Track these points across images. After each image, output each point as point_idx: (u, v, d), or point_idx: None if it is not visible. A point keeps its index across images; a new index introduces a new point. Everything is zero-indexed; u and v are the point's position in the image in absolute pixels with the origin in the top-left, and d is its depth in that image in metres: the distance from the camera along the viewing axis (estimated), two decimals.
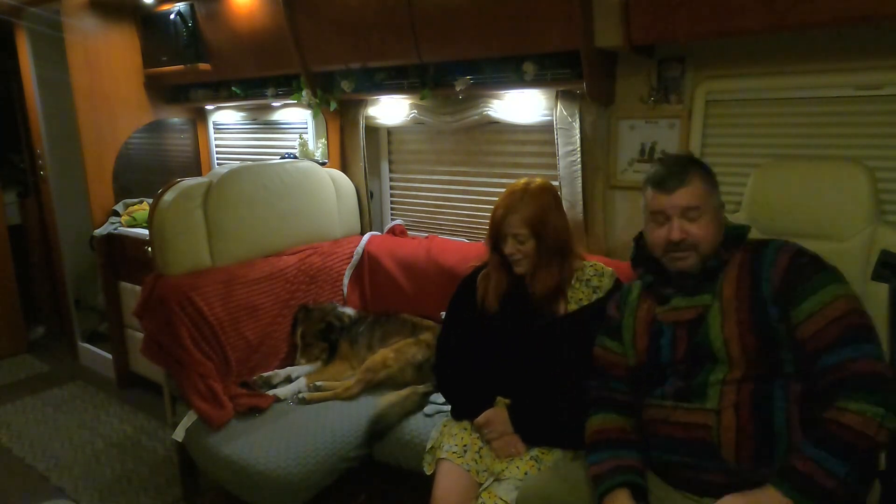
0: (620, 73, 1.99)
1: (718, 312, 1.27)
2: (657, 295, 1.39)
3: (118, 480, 2.36)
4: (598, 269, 1.68)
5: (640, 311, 1.42)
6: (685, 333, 1.31)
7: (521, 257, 1.59)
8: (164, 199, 2.08)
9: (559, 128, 2.10)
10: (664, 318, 1.35)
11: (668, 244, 1.31)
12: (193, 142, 3.49)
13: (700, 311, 1.30)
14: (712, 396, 1.23)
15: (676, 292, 1.35)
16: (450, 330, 1.77)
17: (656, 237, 1.34)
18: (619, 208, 2.11)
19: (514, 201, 1.58)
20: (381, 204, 2.92)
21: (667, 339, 1.34)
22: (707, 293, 1.30)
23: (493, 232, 1.63)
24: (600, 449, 1.35)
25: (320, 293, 2.46)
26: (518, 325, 1.62)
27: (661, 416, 1.30)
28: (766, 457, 1.17)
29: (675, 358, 1.31)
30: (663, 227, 1.32)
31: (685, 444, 1.25)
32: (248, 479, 1.67)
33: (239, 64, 2.79)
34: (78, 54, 2.92)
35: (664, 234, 1.32)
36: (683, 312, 1.32)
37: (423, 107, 2.45)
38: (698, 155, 1.89)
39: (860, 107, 1.64)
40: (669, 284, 1.37)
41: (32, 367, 3.51)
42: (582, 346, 1.55)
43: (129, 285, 2.97)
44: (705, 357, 1.26)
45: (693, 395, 1.26)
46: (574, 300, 1.62)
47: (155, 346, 2.03)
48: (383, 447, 1.83)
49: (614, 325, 1.47)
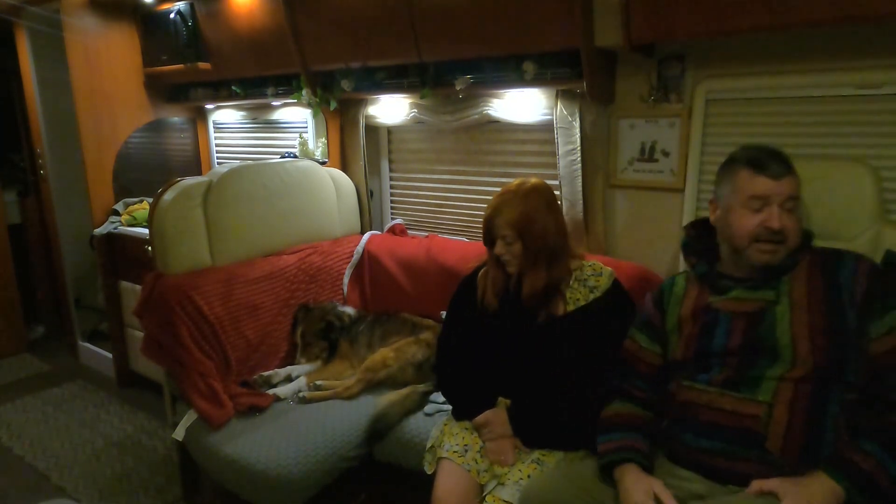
0: (620, 72, 1.99)
1: (787, 310, 1.26)
2: (714, 285, 1.37)
3: (118, 479, 2.36)
4: (596, 268, 1.65)
5: (688, 300, 1.41)
6: (743, 325, 1.30)
7: (510, 258, 1.58)
8: (164, 199, 2.08)
9: (559, 127, 2.09)
10: (723, 306, 1.33)
11: (764, 232, 1.26)
12: (193, 141, 3.49)
13: (762, 305, 1.28)
14: (766, 390, 1.23)
15: (736, 284, 1.33)
16: (450, 329, 1.77)
17: (748, 223, 1.28)
18: (620, 207, 2.11)
19: (502, 203, 1.57)
20: (381, 203, 2.92)
21: (722, 329, 1.32)
22: (770, 289, 1.29)
23: (485, 232, 1.63)
24: (612, 430, 1.38)
25: (320, 292, 2.46)
26: (517, 325, 1.62)
27: (703, 401, 1.29)
28: (811, 457, 1.17)
29: (728, 347, 1.30)
30: (759, 213, 1.27)
31: (728, 430, 1.24)
32: (249, 478, 1.68)
33: (239, 63, 2.78)
34: (78, 53, 2.92)
35: (758, 221, 1.27)
36: (745, 304, 1.30)
37: (423, 106, 2.45)
38: (698, 154, 1.89)
39: (861, 106, 1.63)
40: (724, 276, 1.36)
41: (33, 366, 3.51)
42: (580, 346, 1.55)
43: (129, 284, 2.97)
44: (764, 351, 1.26)
45: (743, 385, 1.25)
46: (572, 301, 1.60)
47: (155, 345, 2.03)
48: (383, 446, 1.83)
49: (647, 321, 1.48)
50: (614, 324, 1.57)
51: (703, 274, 1.40)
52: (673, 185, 1.96)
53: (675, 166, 1.95)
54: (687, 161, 1.91)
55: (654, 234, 2.04)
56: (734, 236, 1.32)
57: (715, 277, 1.38)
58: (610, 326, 1.57)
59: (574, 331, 1.57)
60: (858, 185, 1.50)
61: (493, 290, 1.65)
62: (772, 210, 1.26)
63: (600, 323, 1.57)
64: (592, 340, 1.56)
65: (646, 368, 1.46)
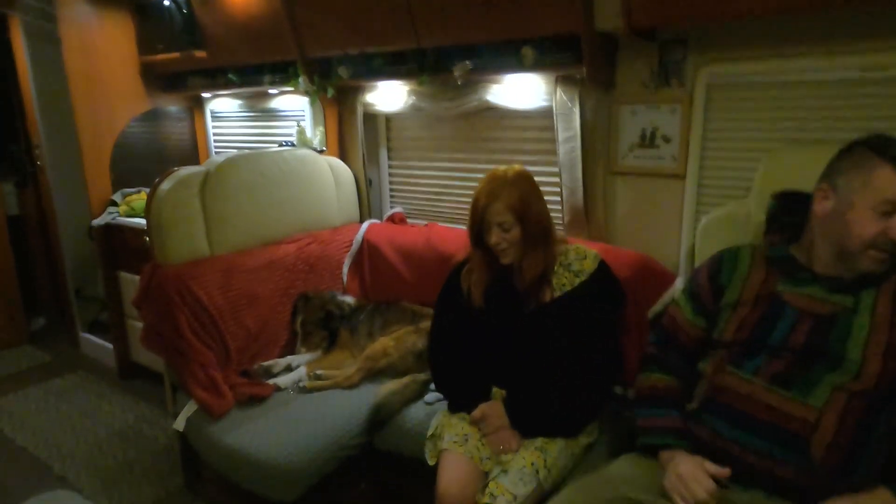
0: (621, 57, 1.97)
1: (867, 325, 1.17)
2: (789, 271, 1.28)
3: (120, 469, 2.37)
4: (580, 252, 1.63)
5: (753, 280, 1.31)
6: (810, 325, 1.21)
7: (507, 246, 1.55)
8: (161, 189, 2.07)
9: (559, 113, 2.07)
10: (794, 301, 1.24)
11: (886, 243, 1.14)
12: (191, 130, 3.47)
13: (836, 309, 1.20)
14: (819, 396, 1.16)
15: (814, 280, 1.24)
16: (440, 326, 1.77)
17: (872, 228, 1.14)
18: (620, 194, 2.09)
19: (496, 188, 1.54)
20: (380, 192, 2.90)
21: (787, 323, 1.23)
22: (849, 295, 1.20)
23: (475, 223, 1.57)
24: (653, 405, 1.36)
25: (320, 281, 2.45)
26: (505, 317, 1.61)
27: (745, 390, 1.22)
28: (849, 473, 1.13)
29: (788, 343, 1.22)
30: (888, 218, 1.13)
31: (770, 428, 1.18)
32: (249, 468, 1.68)
33: (235, 50, 2.76)
34: (72, 43, 2.89)
35: (884, 229, 1.13)
36: (818, 304, 1.22)
37: (421, 93, 2.42)
38: (700, 140, 1.87)
39: (865, 90, 1.61)
40: (803, 268, 1.26)
41: (34, 357, 3.51)
42: (570, 331, 1.55)
43: (128, 275, 2.96)
44: (825, 357, 1.18)
45: (795, 385, 1.18)
46: (558, 287, 1.59)
47: (154, 335, 2.03)
48: (384, 435, 1.83)
49: (696, 292, 1.40)
50: (602, 307, 1.58)
51: (781, 258, 1.30)
52: (674, 172, 1.94)
53: (677, 152, 1.93)
54: (688, 147, 1.89)
55: (656, 221, 2.03)
56: (849, 237, 1.17)
57: (794, 265, 1.28)
58: (597, 309, 1.57)
59: (563, 316, 1.56)
60: None
61: (479, 289, 1.64)
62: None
63: (587, 307, 1.57)
64: (581, 324, 1.56)
65: (685, 339, 1.41)
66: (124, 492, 2.23)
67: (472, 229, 1.60)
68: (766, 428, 1.18)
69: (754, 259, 1.35)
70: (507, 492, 1.40)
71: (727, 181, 1.85)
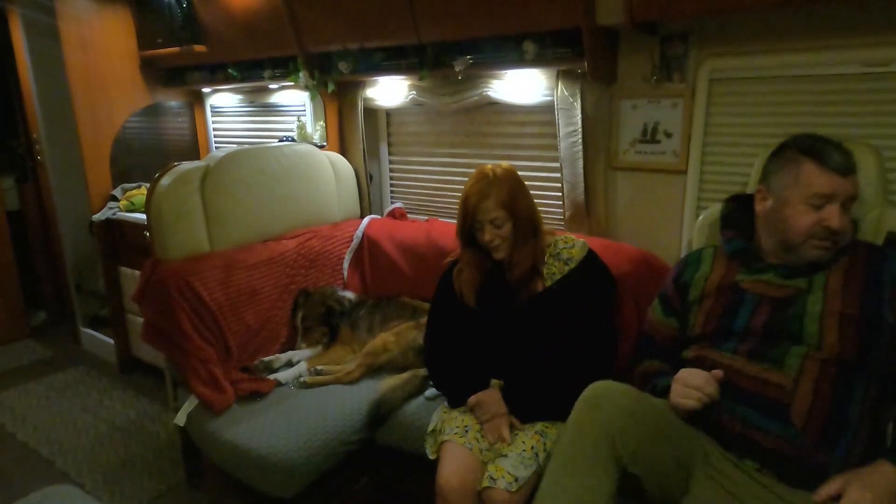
0: (622, 52, 1.96)
1: (820, 300, 1.24)
2: (746, 263, 1.36)
3: (122, 464, 2.37)
4: (568, 241, 1.68)
5: (714, 275, 1.41)
6: (768, 309, 1.29)
7: (500, 242, 1.59)
8: (160, 184, 2.06)
9: (560, 108, 2.06)
10: (752, 288, 1.33)
11: (822, 231, 1.23)
12: (191, 125, 3.47)
13: (792, 292, 1.27)
14: (791, 365, 1.22)
15: (769, 267, 1.32)
16: (435, 325, 1.79)
17: (807, 221, 1.24)
18: (621, 190, 2.09)
19: (486, 186, 1.57)
20: (381, 187, 2.90)
21: (747, 309, 1.31)
22: (803, 277, 1.28)
23: (466, 222, 1.61)
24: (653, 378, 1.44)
25: (320, 277, 2.45)
26: (499, 312, 1.64)
27: (727, 363, 1.28)
28: (831, 441, 1.15)
29: (750, 327, 1.29)
30: (819, 211, 1.23)
31: (753, 397, 1.23)
32: (250, 463, 1.68)
33: (235, 45, 2.75)
34: (72, 37, 2.89)
35: (818, 220, 1.23)
36: (774, 289, 1.30)
37: (422, 88, 2.42)
38: (701, 135, 1.86)
39: (868, 84, 1.60)
40: (759, 258, 1.35)
41: (35, 352, 3.52)
42: (563, 319, 1.59)
43: (129, 270, 2.96)
44: (788, 335, 1.25)
45: (768, 359, 1.25)
46: (549, 276, 1.63)
47: (155, 331, 2.03)
48: (385, 431, 1.83)
49: (665, 294, 1.52)
50: (592, 292, 1.62)
51: (737, 251, 1.39)
52: (675, 167, 1.94)
53: (678, 148, 1.92)
54: (690, 142, 1.89)
55: (657, 216, 2.02)
56: (789, 232, 1.27)
57: (750, 256, 1.36)
58: (590, 293, 1.62)
59: (555, 304, 1.60)
60: (862, 167, 1.46)
61: (471, 289, 1.67)
62: (833, 209, 1.22)
63: (578, 293, 1.61)
64: (573, 311, 1.59)
65: (661, 340, 1.52)
66: (126, 487, 2.23)
67: (462, 229, 1.63)
68: (748, 395, 1.23)
69: (716, 257, 1.45)
70: (508, 474, 1.40)
71: (729, 176, 1.85)
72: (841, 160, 1.23)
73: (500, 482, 1.40)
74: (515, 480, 1.40)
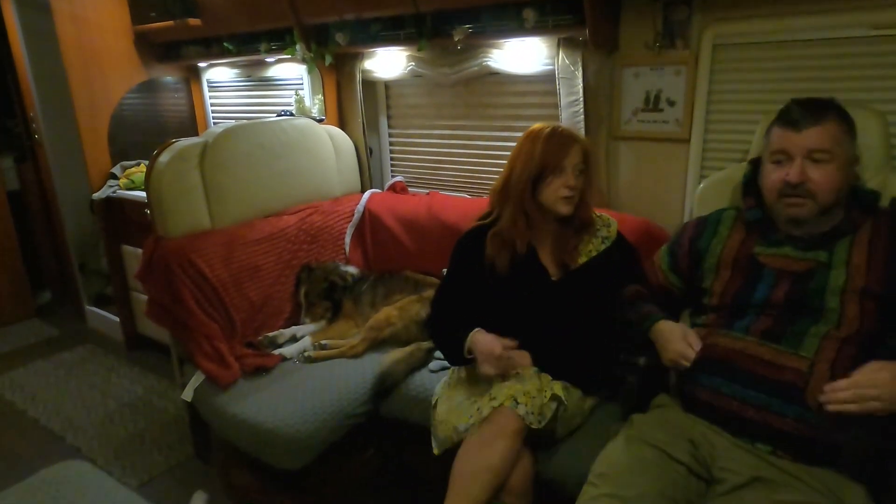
0: (624, 18, 1.92)
1: (843, 275, 1.22)
2: (765, 234, 1.33)
3: (131, 440, 2.41)
4: (605, 219, 1.69)
5: (731, 242, 1.38)
6: (789, 283, 1.26)
7: (574, 193, 1.55)
8: (159, 161, 2.05)
9: (561, 77, 2.03)
10: (770, 262, 1.30)
11: (784, 186, 1.24)
12: (188, 101, 3.43)
13: (811, 265, 1.25)
14: (809, 346, 1.20)
15: (787, 241, 1.30)
16: (451, 289, 1.70)
17: (773, 180, 1.27)
18: (623, 159, 2.07)
19: (566, 136, 1.54)
20: (381, 160, 2.87)
21: (766, 283, 1.29)
22: (823, 251, 1.25)
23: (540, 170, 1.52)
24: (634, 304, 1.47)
25: (322, 252, 2.45)
26: (533, 283, 1.60)
27: (738, 347, 1.26)
28: (848, 420, 1.12)
29: (769, 300, 1.27)
30: (783, 167, 1.25)
31: (766, 381, 1.20)
32: (257, 437, 1.70)
33: (230, 18, 2.69)
34: (63, 11, 2.84)
35: (780, 176, 1.25)
36: (794, 263, 1.27)
37: (420, 59, 2.38)
38: (705, 102, 1.84)
39: (876, 47, 1.57)
40: (777, 230, 1.32)
41: (41, 331, 3.55)
42: (597, 294, 1.58)
43: (131, 248, 2.97)
44: (808, 310, 1.23)
45: (785, 339, 1.22)
46: (585, 253, 1.63)
47: (159, 308, 2.04)
48: (390, 403, 1.85)
49: (675, 249, 1.50)
50: (626, 271, 1.62)
51: (756, 220, 1.36)
52: (678, 136, 1.91)
53: (681, 116, 1.89)
54: (693, 110, 1.86)
55: (659, 186, 2.01)
56: (765, 191, 1.30)
57: (768, 227, 1.34)
58: (622, 273, 1.61)
59: (592, 280, 1.60)
60: (865, 132, 1.43)
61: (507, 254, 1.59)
62: (793, 164, 1.23)
63: (614, 271, 1.62)
64: (607, 288, 1.58)
65: (657, 286, 1.52)
66: (136, 461, 2.27)
67: (525, 181, 1.55)
68: (762, 380, 1.21)
69: (736, 221, 1.42)
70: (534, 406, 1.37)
71: (732, 144, 1.83)
72: (797, 115, 1.23)
73: (521, 409, 1.36)
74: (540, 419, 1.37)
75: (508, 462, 1.36)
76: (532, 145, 1.55)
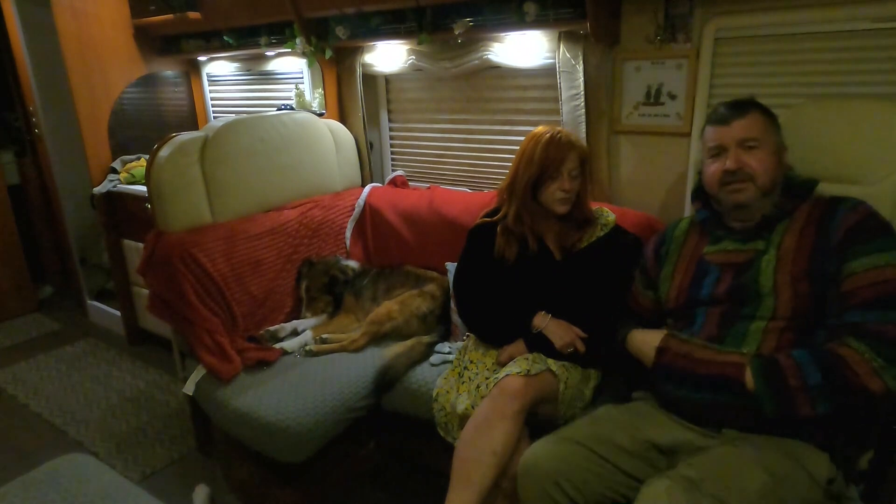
0: (625, 12, 1.91)
1: (774, 259, 1.28)
2: (711, 233, 1.41)
3: (134, 433, 2.42)
4: (603, 211, 1.81)
5: (686, 247, 1.47)
6: (730, 275, 1.33)
7: (568, 196, 1.66)
8: (159, 155, 2.05)
9: (562, 71, 2.03)
10: (713, 258, 1.38)
11: (724, 175, 1.31)
12: (188, 95, 3.42)
13: (751, 255, 1.32)
14: (751, 342, 1.25)
15: (728, 235, 1.38)
16: (471, 278, 1.81)
17: (712, 172, 1.35)
18: (624, 154, 2.07)
19: (565, 141, 1.64)
20: (382, 155, 2.87)
21: (711, 279, 1.36)
22: (761, 240, 1.32)
23: (540, 173, 1.65)
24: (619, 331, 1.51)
25: (323, 247, 2.45)
26: (539, 267, 1.72)
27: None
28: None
29: (714, 295, 1.34)
30: (720, 159, 1.33)
31: (708, 380, 1.25)
32: (259, 430, 1.71)
33: (229, 11, 2.69)
34: (63, 6, 2.82)
35: (718, 167, 1.33)
36: (734, 255, 1.35)
37: (421, 52, 2.37)
38: (706, 96, 1.83)
39: (878, 41, 1.56)
40: (722, 226, 1.40)
41: (43, 325, 3.56)
42: (597, 276, 1.68)
43: (132, 243, 2.97)
44: (747, 298, 1.28)
45: (727, 339, 1.28)
46: (585, 238, 1.73)
47: (160, 303, 2.04)
48: (391, 397, 1.85)
49: (644, 266, 1.57)
50: (624, 256, 1.68)
51: (704, 220, 1.44)
52: (680, 130, 1.91)
53: (682, 110, 1.89)
54: (694, 104, 1.86)
55: (660, 180, 2.00)
56: (707, 186, 1.38)
57: (715, 225, 1.41)
58: (621, 258, 1.68)
59: (592, 261, 1.70)
60: (884, 127, 1.41)
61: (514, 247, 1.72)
62: (728, 154, 1.31)
63: (613, 255, 1.70)
64: (605, 271, 1.68)
65: (639, 309, 1.59)
66: (139, 455, 2.28)
67: (525, 183, 1.68)
68: (705, 381, 1.25)
69: (691, 227, 1.50)
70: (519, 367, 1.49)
71: None
72: (725, 112, 1.34)
73: (514, 367, 1.49)
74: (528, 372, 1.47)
75: (510, 445, 1.40)
76: (532, 149, 1.67)
